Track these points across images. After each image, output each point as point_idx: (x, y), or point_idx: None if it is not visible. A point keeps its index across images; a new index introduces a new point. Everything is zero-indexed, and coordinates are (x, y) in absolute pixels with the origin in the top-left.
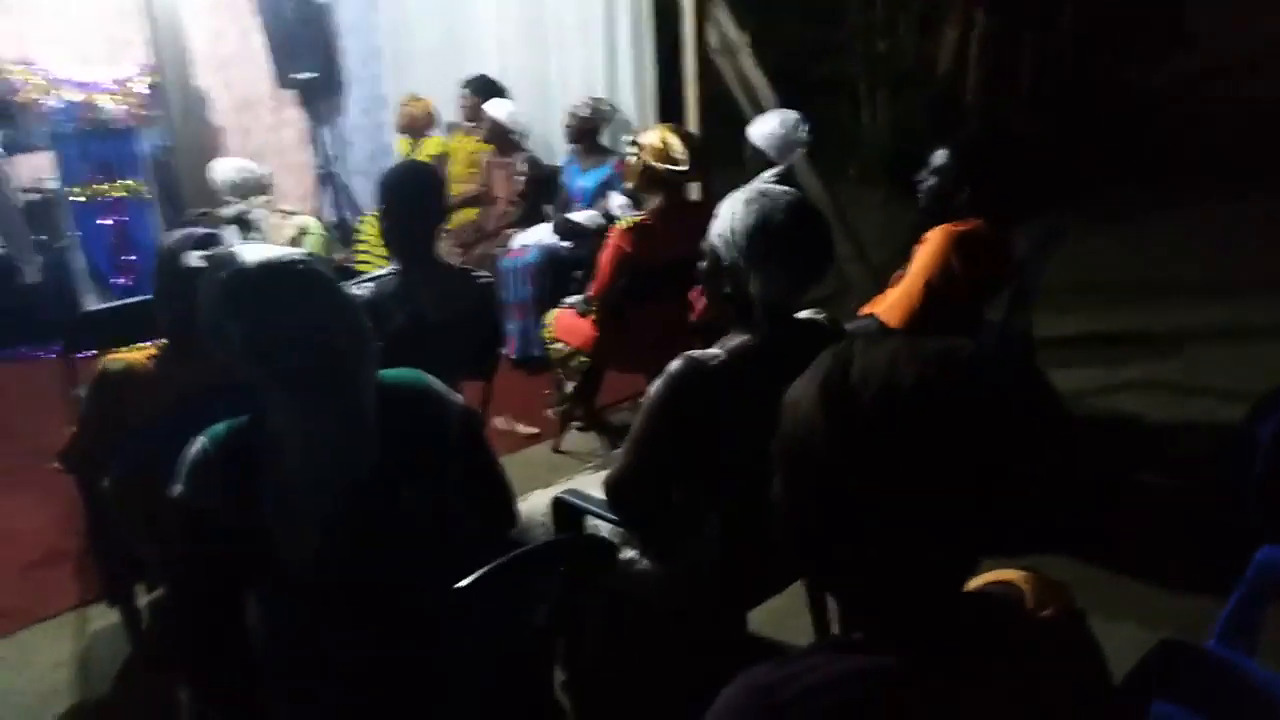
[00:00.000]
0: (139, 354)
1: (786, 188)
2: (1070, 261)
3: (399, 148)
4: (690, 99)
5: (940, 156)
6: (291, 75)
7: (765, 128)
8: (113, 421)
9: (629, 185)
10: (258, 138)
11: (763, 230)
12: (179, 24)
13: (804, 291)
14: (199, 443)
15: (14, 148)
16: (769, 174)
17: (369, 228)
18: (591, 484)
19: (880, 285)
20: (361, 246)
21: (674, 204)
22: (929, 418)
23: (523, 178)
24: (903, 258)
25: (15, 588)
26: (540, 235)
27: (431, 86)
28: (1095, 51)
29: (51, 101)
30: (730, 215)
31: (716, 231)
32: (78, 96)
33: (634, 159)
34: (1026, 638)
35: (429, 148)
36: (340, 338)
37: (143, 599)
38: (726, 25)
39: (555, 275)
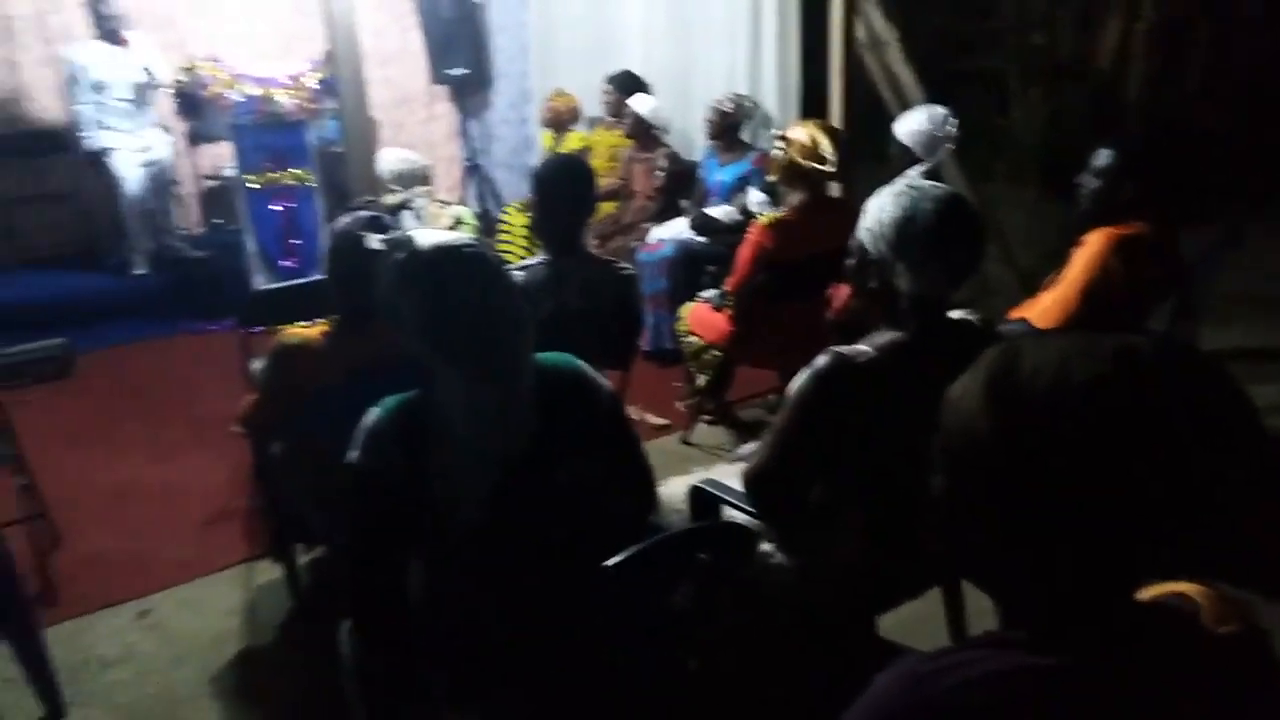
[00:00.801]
0: (313, 330)
1: (936, 183)
2: (1245, 269)
3: (543, 142)
4: (835, 94)
5: (1104, 157)
6: (446, 71)
7: (912, 124)
8: (287, 391)
9: (772, 180)
10: (411, 131)
11: (911, 222)
12: (352, 22)
13: (955, 288)
14: (373, 414)
15: (199, 138)
16: (915, 171)
17: (512, 218)
18: (729, 475)
19: (1028, 289)
20: (504, 236)
21: (816, 201)
22: (1105, 416)
23: (662, 172)
24: (1054, 261)
25: (193, 540)
26: (677, 230)
27: (576, 82)
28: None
29: (234, 96)
30: (879, 209)
31: (865, 225)
32: (256, 91)
33: (780, 154)
34: (1201, 652)
35: (571, 142)
36: (503, 319)
37: (303, 557)
38: (874, 19)
39: (690, 269)
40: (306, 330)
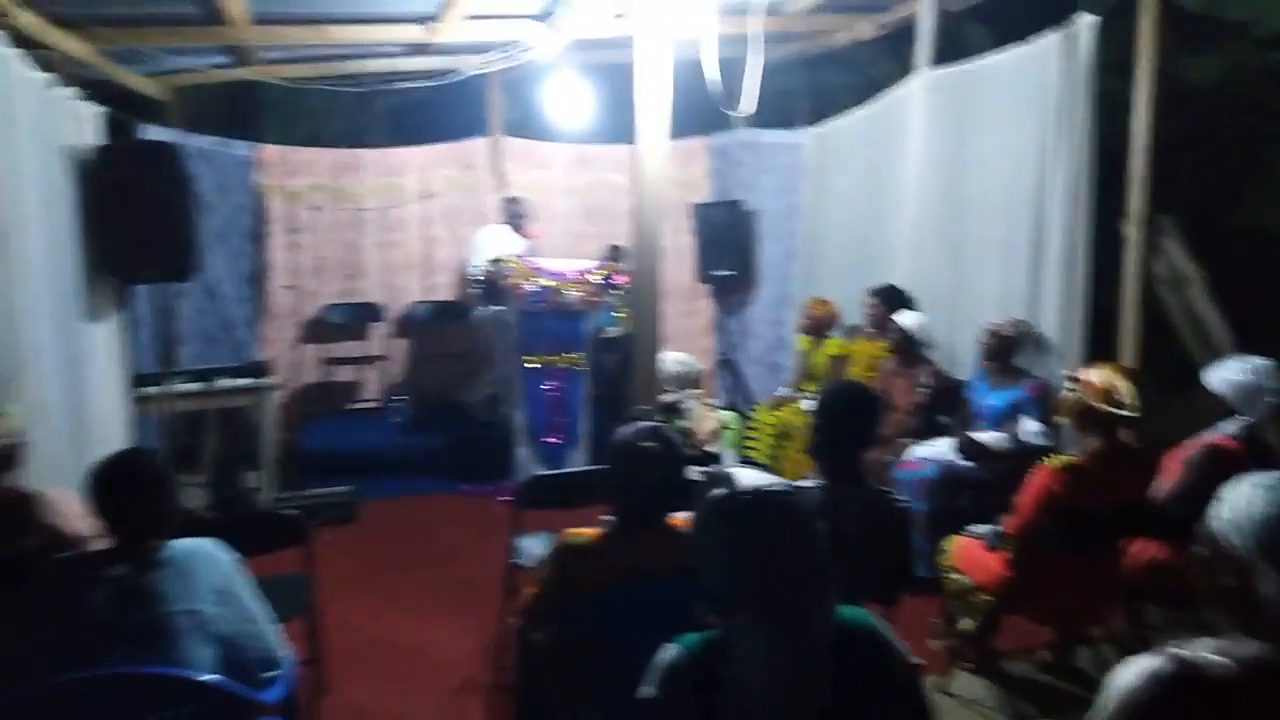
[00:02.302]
0: (592, 531)
1: None
2: None
3: (799, 345)
4: (1127, 329)
5: None
6: (712, 272)
7: (1229, 374)
8: (563, 588)
9: (1062, 420)
10: (671, 323)
11: None
12: (656, 235)
13: None
14: (672, 650)
15: (491, 317)
16: (1232, 426)
17: (761, 416)
18: None
19: None
20: (751, 434)
21: (1112, 448)
22: None
23: (925, 389)
24: None
25: (440, 707)
26: (939, 450)
27: (838, 290)
28: None
29: (529, 287)
30: (1244, 500)
31: (1223, 515)
32: (549, 283)
33: (1072, 394)
34: None
35: (829, 348)
36: (810, 571)
37: None
38: (1176, 256)
39: (952, 494)
40: (588, 531)
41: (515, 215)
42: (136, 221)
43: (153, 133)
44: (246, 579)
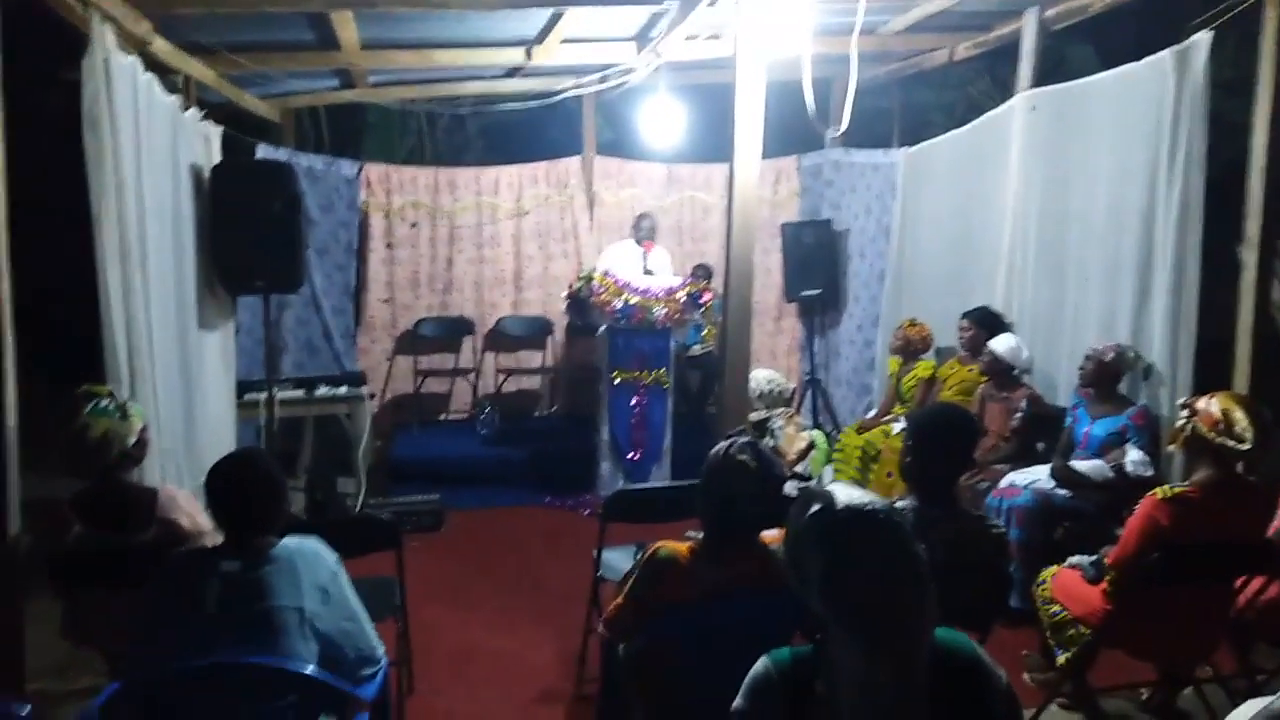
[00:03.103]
0: (683, 545)
1: None
2: None
3: (889, 366)
4: (1241, 358)
5: None
6: (800, 292)
7: None
8: (650, 599)
9: (1170, 450)
10: (758, 341)
11: None
12: (748, 247)
13: None
14: (763, 663)
15: (578, 330)
16: None
17: (848, 439)
18: None
19: None
20: (839, 456)
21: (1226, 480)
22: None
23: (1021, 414)
24: None
25: (517, 713)
26: (1035, 476)
27: (930, 312)
28: None
29: (617, 303)
30: None
31: None
32: (635, 300)
33: (1184, 423)
34: None
35: (920, 370)
36: (908, 592)
37: None
38: None
39: (1047, 524)
40: (678, 545)
41: (644, 230)
42: (249, 236)
43: (265, 151)
44: (348, 579)
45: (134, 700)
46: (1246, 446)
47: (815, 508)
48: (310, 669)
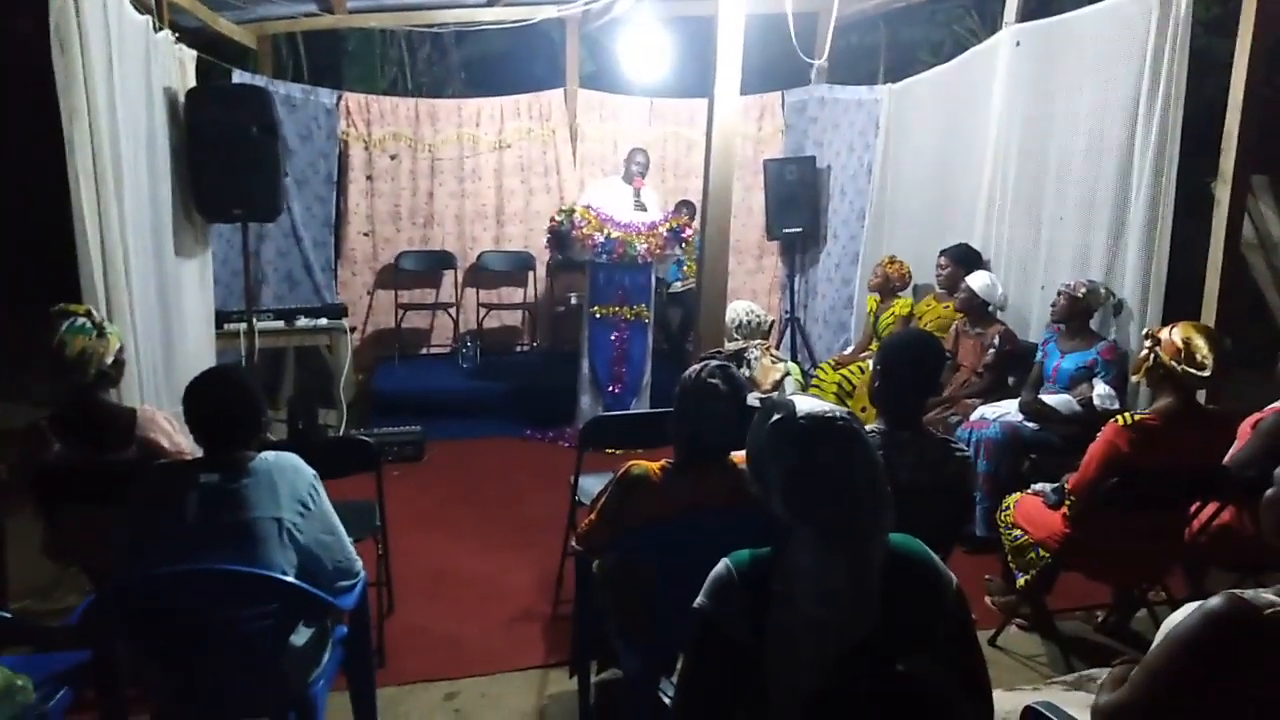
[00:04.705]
0: (654, 464)
1: None
2: None
3: (867, 304)
4: (1210, 293)
5: None
6: (782, 229)
7: None
8: (624, 518)
9: (1135, 381)
10: (738, 279)
11: None
12: (730, 189)
13: None
14: (724, 564)
15: (560, 267)
16: None
17: (825, 375)
18: (1071, 703)
19: None
20: (814, 393)
21: (1185, 408)
22: None
23: (994, 350)
24: None
25: (499, 635)
26: (1004, 410)
27: (908, 250)
28: None
29: (598, 237)
30: None
31: None
32: (616, 235)
33: (1146, 353)
34: None
35: (897, 308)
36: (867, 493)
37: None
38: (1267, 218)
39: (1015, 455)
40: (650, 464)
41: (638, 167)
42: (226, 162)
43: (242, 78)
44: (326, 494)
45: (115, 608)
46: (1207, 374)
47: (777, 415)
48: (290, 578)
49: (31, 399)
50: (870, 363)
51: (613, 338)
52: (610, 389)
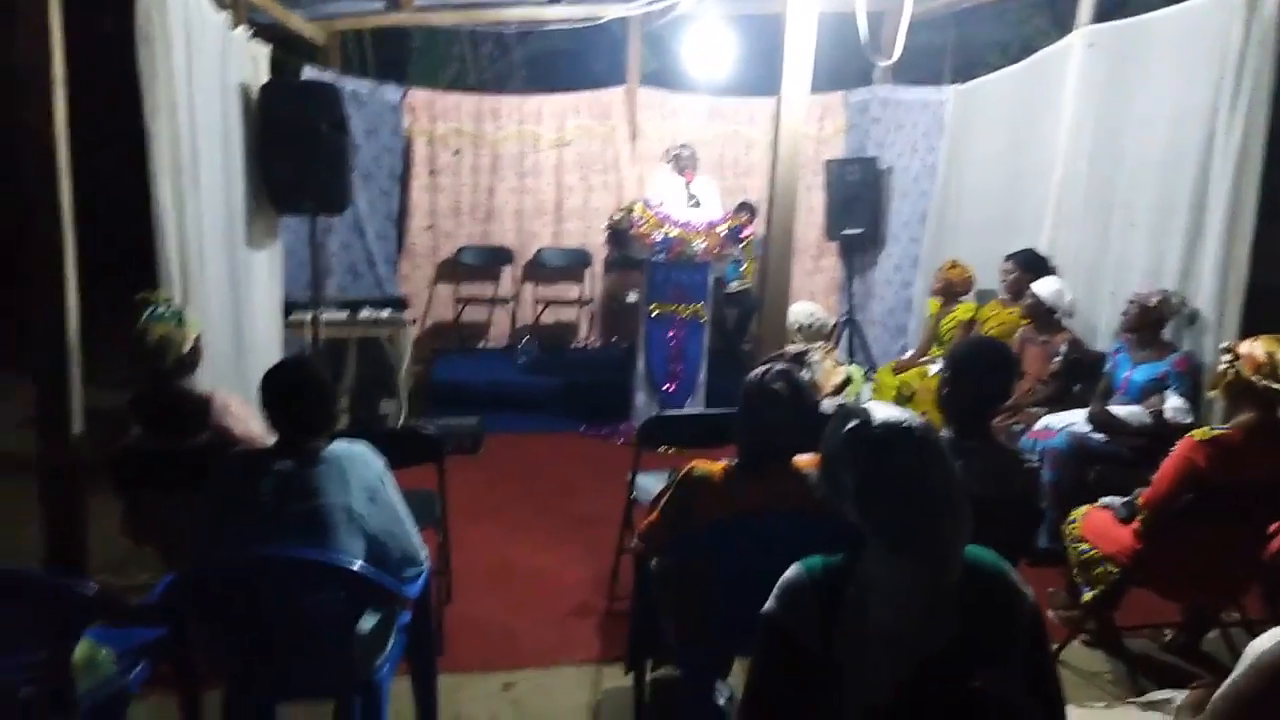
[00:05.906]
0: (716, 466)
1: None
2: None
3: (929, 308)
4: None
5: None
6: (842, 230)
7: None
8: (684, 517)
9: (1210, 395)
10: (796, 280)
11: None
12: (792, 183)
13: None
14: (797, 569)
15: (617, 264)
16: None
17: (883, 378)
18: None
19: None
20: (873, 397)
21: (1265, 423)
22: None
23: (1060, 358)
24: None
25: (556, 628)
26: (1071, 420)
27: (971, 254)
28: None
29: (656, 236)
30: None
31: None
32: (675, 233)
33: (1226, 367)
34: None
35: (960, 313)
36: (944, 505)
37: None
38: None
39: (1081, 466)
40: (711, 465)
41: (684, 160)
42: (296, 156)
43: (312, 74)
44: (394, 483)
45: (192, 589)
46: None
47: (852, 423)
48: (358, 565)
49: (113, 384)
50: (930, 368)
51: (669, 336)
52: (665, 387)
